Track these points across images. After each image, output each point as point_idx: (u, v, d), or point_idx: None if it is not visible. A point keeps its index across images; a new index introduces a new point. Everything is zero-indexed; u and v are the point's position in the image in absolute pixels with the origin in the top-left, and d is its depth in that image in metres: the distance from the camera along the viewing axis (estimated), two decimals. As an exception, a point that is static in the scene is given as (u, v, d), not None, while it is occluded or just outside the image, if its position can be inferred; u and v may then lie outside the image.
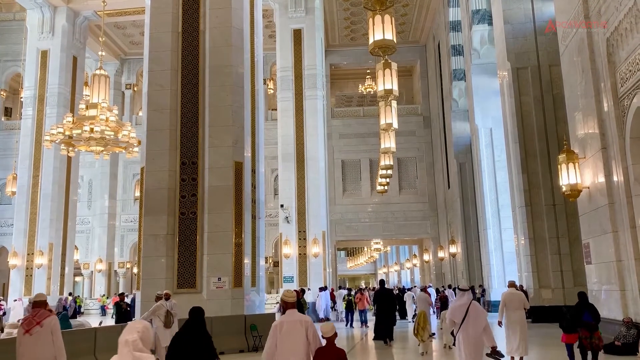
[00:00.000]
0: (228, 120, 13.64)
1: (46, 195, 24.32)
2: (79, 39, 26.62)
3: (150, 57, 14.03)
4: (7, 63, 30.84)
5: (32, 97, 25.26)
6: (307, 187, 23.89)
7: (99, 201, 32.26)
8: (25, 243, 24.18)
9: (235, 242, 13.13)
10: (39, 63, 25.48)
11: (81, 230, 30.04)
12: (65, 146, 16.44)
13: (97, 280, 31.74)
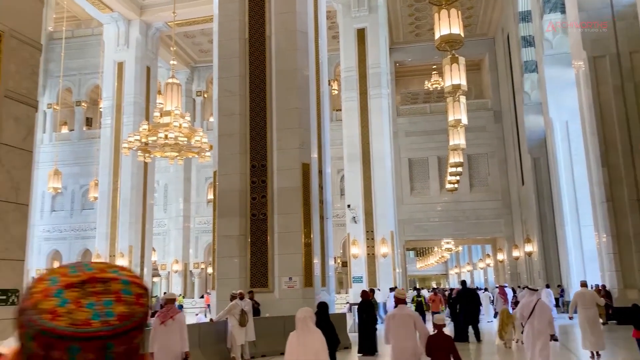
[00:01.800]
0: (295, 122, 13.82)
1: (125, 200, 25.60)
2: (151, 49, 27.86)
3: (220, 65, 14.45)
4: (87, 76, 32.72)
5: (110, 107, 26.67)
6: (373, 186, 23.77)
7: (174, 204, 33.57)
8: (107, 245, 25.57)
9: (304, 243, 13.28)
10: (115, 74, 26.86)
11: (158, 233, 31.37)
12: (142, 153, 17.21)
13: (173, 280, 33.05)
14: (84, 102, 33.11)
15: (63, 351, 0.71)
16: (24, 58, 6.00)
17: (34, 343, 0.72)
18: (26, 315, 0.73)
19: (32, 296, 0.74)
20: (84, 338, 0.71)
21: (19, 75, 5.91)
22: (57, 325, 0.71)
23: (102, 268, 0.79)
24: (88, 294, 0.74)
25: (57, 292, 0.73)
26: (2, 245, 5.56)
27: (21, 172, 5.86)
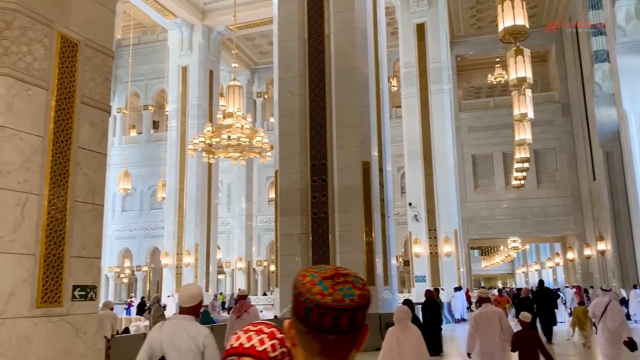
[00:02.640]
0: (354, 120, 13.80)
1: (191, 200, 26.44)
2: (213, 53, 28.63)
3: (280, 65, 14.64)
4: (153, 81, 34.01)
5: (176, 110, 27.61)
6: (435, 184, 23.35)
7: (237, 203, 34.33)
8: (174, 244, 26.51)
9: (365, 241, 13.23)
10: (180, 79, 27.79)
11: (222, 231, 32.17)
12: (206, 154, 17.74)
13: (237, 277, 33.82)
14: (151, 106, 34.43)
15: (330, 317, 1.11)
16: (97, 66, 6.29)
17: (311, 313, 1.12)
18: (303, 296, 1.14)
19: (303, 285, 1.15)
20: (343, 309, 1.11)
21: (93, 82, 6.21)
22: (326, 301, 1.11)
23: (336, 268, 1.19)
24: (337, 283, 1.14)
25: (319, 282, 1.14)
26: (80, 243, 5.85)
27: (97, 174, 6.15)
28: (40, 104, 5.58)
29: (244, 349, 1.38)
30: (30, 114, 5.47)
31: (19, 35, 5.44)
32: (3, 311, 4.96)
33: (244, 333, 1.42)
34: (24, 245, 5.27)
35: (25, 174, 5.34)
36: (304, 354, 1.14)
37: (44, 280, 5.37)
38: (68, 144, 5.79)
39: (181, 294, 3.75)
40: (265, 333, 1.41)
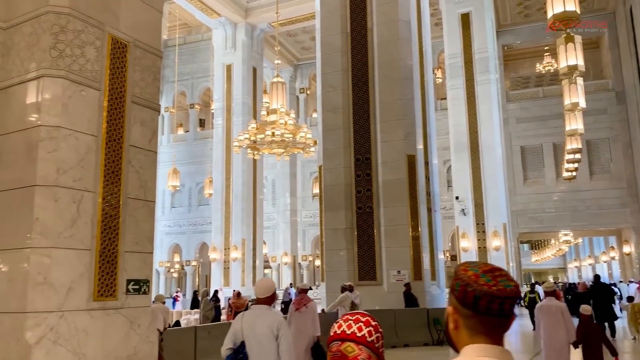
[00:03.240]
0: (399, 114, 13.65)
1: (237, 196, 26.85)
2: (256, 50, 28.90)
3: (322, 60, 14.64)
4: (199, 79, 34.65)
5: (221, 108, 28.06)
6: (483, 177, 22.86)
7: (282, 199, 34.63)
8: (222, 239, 27.00)
9: (412, 236, 13.10)
10: (224, 77, 28.22)
11: (268, 226, 32.53)
12: (251, 150, 17.95)
13: (283, 272, 34.16)
14: (197, 105, 35.10)
15: (497, 304, 1.32)
16: (146, 66, 6.45)
17: (480, 301, 1.32)
18: (471, 287, 1.34)
19: (469, 278, 1.35)
20: (506, 297, 1.32)
21: (143, 82, 6.37)
22: (493, 291, 1.32)
23: (487, 264, 1.40)
24: (495, 276, 1.35)
25: (482, 275, 1.35)
26: (134, 239, 6.03)
27: (148, 172, 6.32)
28: (94, 104, 5.77)
29: (346, 335, 1.59)
30: (84, 114, 5.67)
31: (73, 39, 5.64)
32: (62, 304, 5.17)
33: (344, 322, 1.62)
34: (81, 241, 5.47)
35: (81, 172, 5.53)
36: (469, 333, 1.36)
37: (99, 275, 5.56)
38: (120, 143, 5.96)
39: (257, 287, 4.27)
40: (362, 322, 1.61)
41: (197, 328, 9.11)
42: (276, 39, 23.18)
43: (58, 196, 5.29)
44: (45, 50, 5.50)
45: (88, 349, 5.31)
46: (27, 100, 5.58)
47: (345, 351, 1.55)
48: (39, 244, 5.16)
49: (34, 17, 5.67)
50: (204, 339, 8.68)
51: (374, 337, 1.58)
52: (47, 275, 5.14)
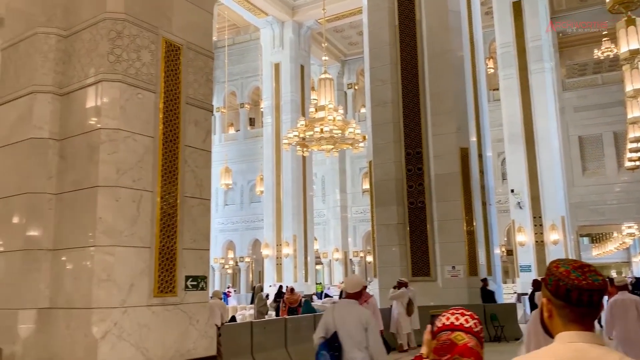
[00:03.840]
0: (450, 106, 13.39)
1: (287, 192, 27.11)
2: (304, 48, 29.03)
3: (370, 55, 14.54)
4: (248, 79, 35.14)
5: (270, 106, 28.37)
6: (539, 168, 22.12)
7: (332, 195, 34.69)
8: (274, 235, 27.33)
9: (466, 230, 12.84)
10: (273, 75, 28.50)
11: (318, 223, 32.67)
12: (300, 147, 18.05)
13: (335, 268, 34.25)
14: (246, 104, 35.62)
15: (586, 296, 1.49)
16: (199, 67, 6.58)
17: (571, 293, 1.50)
18: (563, 282, 1.51)
19: (560, 274, 1.53)
20: (595, 290, 1.49)
21: (197, 83, 6.51)
22: (583, 285, 1.49)
23: (576, 260, 1.57)
24: (584, 272, 1.52)
25: (572, 271, 1.52)
26: (191, 236, 6.18)
27: (203, 171, 6.46)
28: (150, 107, 5.94)
29: (454, 326, 1.77)
30: (141, 116, 5.84)
31: (129, 43, 5.82)
32: (125, 300, 5.36)
33: (451, 315, 1.81)
34: (141, 239, 5.65)
35: (140, 172, 5.71)
36: (562, 322, 1.54)
37: (159, 272, 5.73)
38: (176, 143, 6.12)
39: (347, 283, 4.74)
40: (467, 315, 1.81)
41: (252, 323, 9.26)
42: (323, 35, 23.19)
43: (119, 196, 5.49)
44: (103, 56, 5.70)
45: (150, 344, 5.48)
46: (88, 105, 5.81)
47: (455, 339, 1.74)
48: (102, 243, 5.37)
49: (92, 24, 5.89)
50: (259, 334, 8.82)
51: (479, 328, 1.79)
52: (110, 272, 5.34)
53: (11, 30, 6.61)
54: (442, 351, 1.75)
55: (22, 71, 6.22)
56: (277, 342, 8.63)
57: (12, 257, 5.86)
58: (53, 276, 5.70)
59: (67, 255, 5.65)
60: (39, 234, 5.76)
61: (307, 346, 9.30)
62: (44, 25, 6.12)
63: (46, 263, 5.70)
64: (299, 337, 9.10)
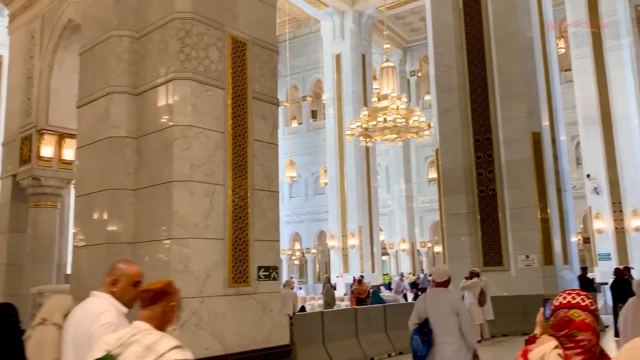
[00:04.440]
0: (520, 89, 12.88)
1: (351, 184, 27.07)
2: (364, 37, 28.79)
3: (434, 40, 14.20)
4: (309, 72, 35.31)
5: (332, 98, 28.38)
6: (617, 151, 20.89)
7: (396, 185, 34.36)
8: (339, 227, 27.42)
9: (540, 218, 12.34)
10: (334, 67, 28.45)
11: (383, 213, 32.45)
12: (364, 138, 17.98)
13: (402, 259, 33.96)
14: (308, 97, 35.83)
15: None
16: (264, 62, 6.67)
17: None
18: None
19: None
20: None
21: (263, 78, 6.60)
22: None
23: None
24: None
25: None
26: (261, 228, 6.30)
27: (271, 164, 6.56)
28: (219, 103, 6.09)
29: (571, 304, 1.90)
30: (211, 112, 6.00)
31: (197, 42, 5.98)
32: (202, 290, 5.55)
33: (568, 295, 1.94)
34: (215, 231, 5.82)
35: (212, 167, 5.88)
36: None
37: (233, 262, 5.89)
38: (245, 138, 6.24)
39: (435, 272, 5.05)
40: (582, 295, 1.93)
41: (323, 313, 9.35)
42: (384, 23, 22.90)
43: (193, 190, 5.67)
44: (174, 55, 5.89)
45: (226, 332, 5.66)
46: (161, 103, 6.03)
47: (572, 316, 1.86)
48: (178, 235, 5.58)
49: (162, 25, 6.09)
50: (330, 323, 8.89)
51: (594, 307, 1.91)
52: (187, 264, 5.54)
53: (87, 36, 6.97)
54: (560, 327, 1.88)
55: (99, 73, 6.54)
56: (347, 331, 8.68)
57: (95, 250, 6.20)
58: (134, 268, 5.98)
59: (145, 248, 5.91)
60: (119, 228, 6.06)
61: (378, 336, 9.29)
62: (117, 29, 6.40)
63: (127, 256, 5.99)
64: (370, 327, 9.11)
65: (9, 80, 10.91)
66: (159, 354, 1.90)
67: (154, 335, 2.00)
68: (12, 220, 9.99)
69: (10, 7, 10.60)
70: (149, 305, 2.11)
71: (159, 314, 2.08)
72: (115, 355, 1.95)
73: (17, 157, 9.87)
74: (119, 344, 1.97)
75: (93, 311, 2.57)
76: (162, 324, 2.08)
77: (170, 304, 2.13)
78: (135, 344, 1.95)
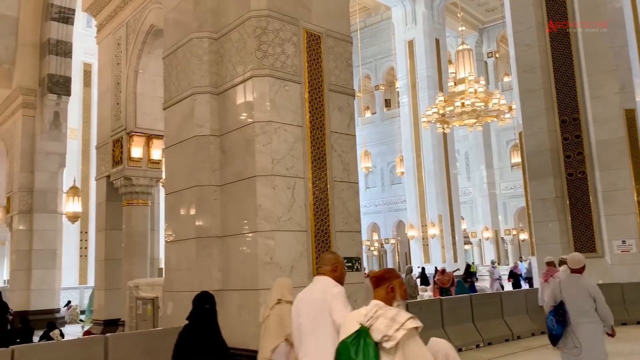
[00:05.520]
0: (609, 64, 12.03)
1: (429, 172, 26.58)
2: (437, 21, 28.06)
3: (513, 19, 13.56)
4: (381, 60, 34.95)
5: (406, 85, 27.94)
6: None
7: (477, 172, 33.37)
8: (418, 216, 27.04)
9: (637, 201, 11.52)
10: (407, 53, 27.97)
11: (464, 201, 31.65)
12: (440, 124, 17.54)
13: (485, 247, 32.98)
14: (381, 86, 35.52)
15: None
16: (339, 53, 6.67)
17: None
18: None
19: None
20: None
21: (338, 70, 6.61)
22: None
23: None
24: None
25: None
26: (342, 219, 6.33)
27: (349, 155, 6.57)
28: (296, 97, 6.17)
29: None
30: (289, 106, 6.10)
31: (273, 38, 6.08)
32: (288, 282, 5.66)
33: None
34: (298, 223, 5.92)
35: (292, 160, 5.98)
36: None
37: (316, 254, 5.96)
38: (322, 130, 6.29)
39: (571, 260, 5.37)
40: None
41: (407, 304, 9.26)
42: (458, 5, 22.20)
43: (275, 184, 5.80)
44: (252, 53, 6.03)
45: (312, 323, 5.74)
46: (241, 100, 6.20)
47: None
48: (263, 228, 5.73)
49: (239, 24, 6.25)
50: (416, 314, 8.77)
51: None
52: (272, 255, 5.68)
53: (169, 40, 7.28)
54: None
55: (182, 75, 6.82)
56: (433, 322, 8.54)
57: (186, 244, 6.50)
58: (222, 261, 6.22)
59: (232, 241, 6.12)
60: (207, 222, 6.31)
61: (465, 326, 9.08)
62: (197, 31, 6.64)
63: (216, 249, 6.24)
64: (456, 317, 8.92)
65: (99, 87, 11.63)
66: (400, 323, 2.44)
67: (393, 309, 2.56)
68: (108, 219, 10.69)
69: (97, 17, 11.28)
70: (375, 288, 2.72)
71: (382, 295, 2.66)
72: (368, 327, 2.50)
73: (110, 159, 10.52)
74: (368, 318, 2.53)
75: (326, 286, 3.40)
76: (387, 301, 2.63)
77: (389, 286, 2.68)
78: (381, 317, 2.51)
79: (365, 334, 2.48)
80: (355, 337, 2.50)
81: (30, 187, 16.05)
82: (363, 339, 2.47)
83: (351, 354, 2.48)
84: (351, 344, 2.50)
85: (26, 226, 15.93)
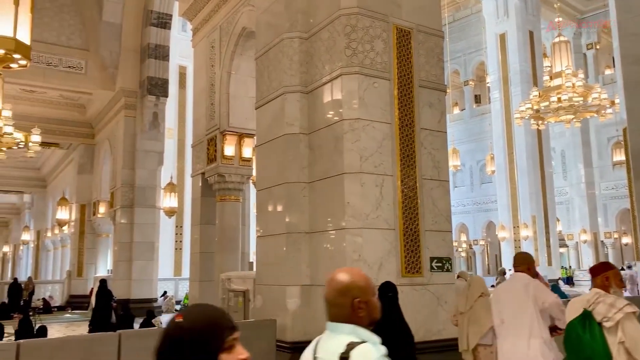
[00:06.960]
0: None
1: (522, 170, 25.39)
2: (532, 12, 26.73)
3: (617, 6, 12.58)
4: (471, 55, 33.88)
5: (497, 80, 26.87)
6: None
7: (574, 171, 31.48)
8: (509, 217, 25.91)
9: None
10: (498, 47, 26.89)
11: (560, 202, 29.94)
12: (535, 120, 16.72)
13: (583, 251, 31.03)
14: (471, 81, 34.44)
15: None
16: (430, 48, 6.55)
17: None
18: None
19: None
20: None
21: (428, 65, 6.48)
22: None
23: None
24: None
25: None
26: (432, 218, 6.21)
27: (439, 152, 6.43)
28: (385, 94, 6.13)
29: None
30: (378, 104, 6.06)
31: (363, 35, 6.08)
32: (376, 279, 5.62)
33: None
34: (386, 221, 5.88)
35: (380, 158, 5.95)
36: None
37: (405, 252, 5.90)
38: (412, 127, 6.20)
39: None
40: None
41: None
42: (554, -6, 21.02)
43: (363, 181, 5.80)
44: (341, 51, 6.06)
45: (400, 322, 5.68)
46: (330, 98, 6.26)
47: None
48: (351, 225, 5.75)
49: (329, 23, 6.31)
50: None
51: None
52: (360, 252, 5.69)
53: (262, 41, 7.49)
54: None
55: (273, 75, 6.99)
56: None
57: (277, 240, 6.67)
58: (311, 256, 6.32)
59: (321, 237, 6.19)
60: (296, 219, 6.43)
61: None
62: (288, 31, 6.78)
63: (304, 245, 6.34)
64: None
65: (195, 88, 12.22)
66: (619, 308, 2.96)
67: (611, 296, 3.07)
68: (203, 214, 11.22)
69: (193, 22, 11.84)
70: (593, 278, 3.25)
71: (599, 283, 3.22)
72: (591, 310, 3.05)
73: (205, 157, 11.02)
74: (590, 303, 3.07)
75: (526, 281, 4.24)
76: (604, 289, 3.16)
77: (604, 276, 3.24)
78: (601, 302, 3.04)
79: (589, 315, 3.04)
80: (581, 318, 3.07)
81: (131, 183, 17.21)
82: (588, 320, 3.04)
83: (579, 331, 3.05)
84: (578, 324, 3.08)
85: (128, 220, 17.10)
